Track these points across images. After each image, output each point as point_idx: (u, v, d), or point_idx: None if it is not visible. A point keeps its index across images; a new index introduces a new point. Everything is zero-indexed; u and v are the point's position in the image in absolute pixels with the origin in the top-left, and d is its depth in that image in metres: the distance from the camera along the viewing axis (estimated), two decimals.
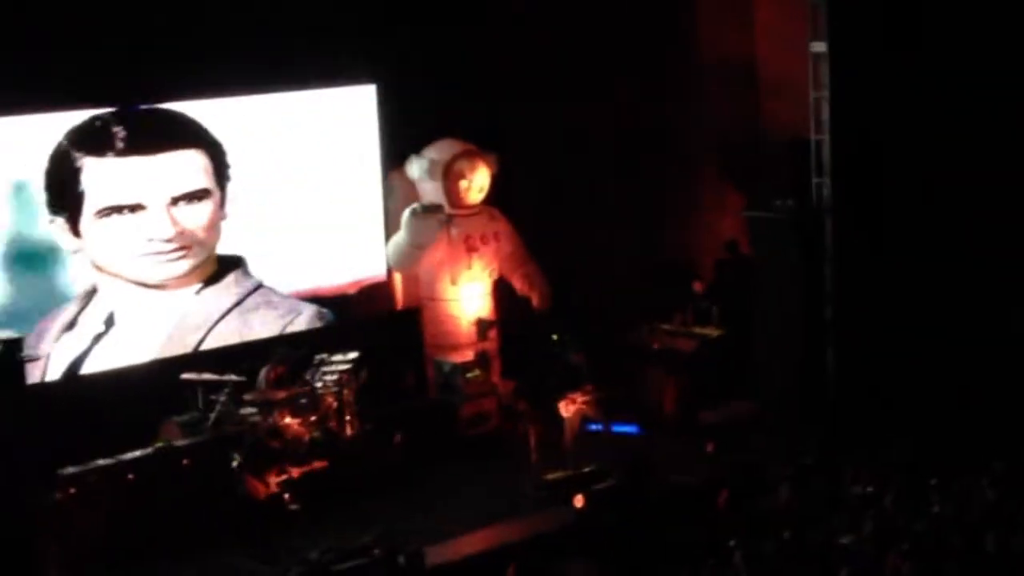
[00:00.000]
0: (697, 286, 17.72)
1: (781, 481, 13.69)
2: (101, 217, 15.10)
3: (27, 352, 13.51)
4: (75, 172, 14.95)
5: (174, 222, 15.48)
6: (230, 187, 15.93)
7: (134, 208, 15.23)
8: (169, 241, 15.48)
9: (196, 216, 15.68)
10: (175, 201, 15.49)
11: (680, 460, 15.13)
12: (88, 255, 15.15)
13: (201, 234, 15.74)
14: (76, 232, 15.05)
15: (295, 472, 14.36)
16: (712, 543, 12.56)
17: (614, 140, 17.83)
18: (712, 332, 17.21)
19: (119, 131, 15.09)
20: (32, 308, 14.86)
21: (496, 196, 17.24)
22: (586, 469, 14.80)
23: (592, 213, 17.71)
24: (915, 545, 11.54)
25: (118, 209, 15.15)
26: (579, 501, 14.10)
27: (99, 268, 15.22)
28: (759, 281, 16.65)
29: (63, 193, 14.92)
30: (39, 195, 14.81)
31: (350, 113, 16.82)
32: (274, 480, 14.24)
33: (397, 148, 17.03)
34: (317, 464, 14.56)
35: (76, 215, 15.02)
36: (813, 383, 15.98)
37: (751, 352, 16.55)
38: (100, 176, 15.06)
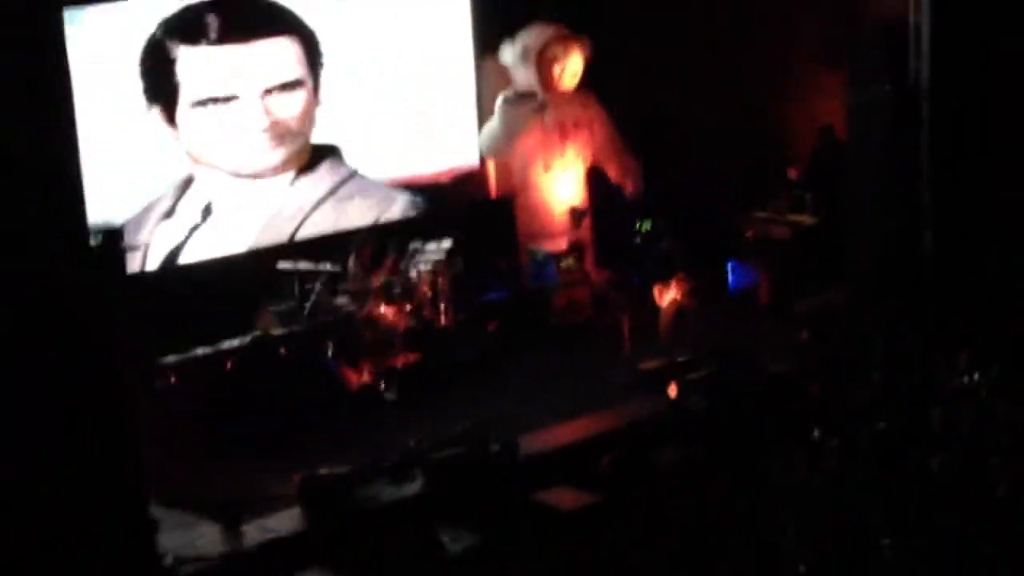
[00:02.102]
0: (792, 172, 17.54)
1: (875, 371, 13.63)
2: (195, 107, 15.19)
3: (127, 242, 13.68)
4: (170, 62, 15.02)
5: (268, 112, 15.54)
6: (323, 75, 15.95)
7: (228, 99, 15.30)
8: (263, 132, 15.55)
9: (290, 106, 15.71)
10: (268, 91, 15.53)
11: (774, 349, 15.08)
12: (184, 145, 15.26)
13: (295, 124, 15.78)
14: (172, 122, 15.15)
15: (385, 364, 14.49)
16: (805, 433, 12.59)
17: (710, 23, 17.59)
18: (807, 219, 17.08)
19: (212, 19, 15.12)
20: (130, 198, 15.02)
21: (590, 81, 17.13)
22: (680, 359, 14.79)
23: (687, 99, 17.52)
24: (1012, 437, 11.49)
25: (212, 100, 15.24)
26: (673, 390, 14.14)
27: (195, 159, 15.33)
28: (855, 166, 16.43)
29: (158, 83, 14.99)
30: (136, 83, 14.91)
31: None
32: (367, 370, 14.38)
33: (490, 34, 16.94)
34: (411, 356, 14.67)
35: (172, 105, 15.11)
36: (909, 272, 15.80)
37: (846, 240, 16.37)
38: (194, 66, 15.12)
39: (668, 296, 15.52)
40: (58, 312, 10.62)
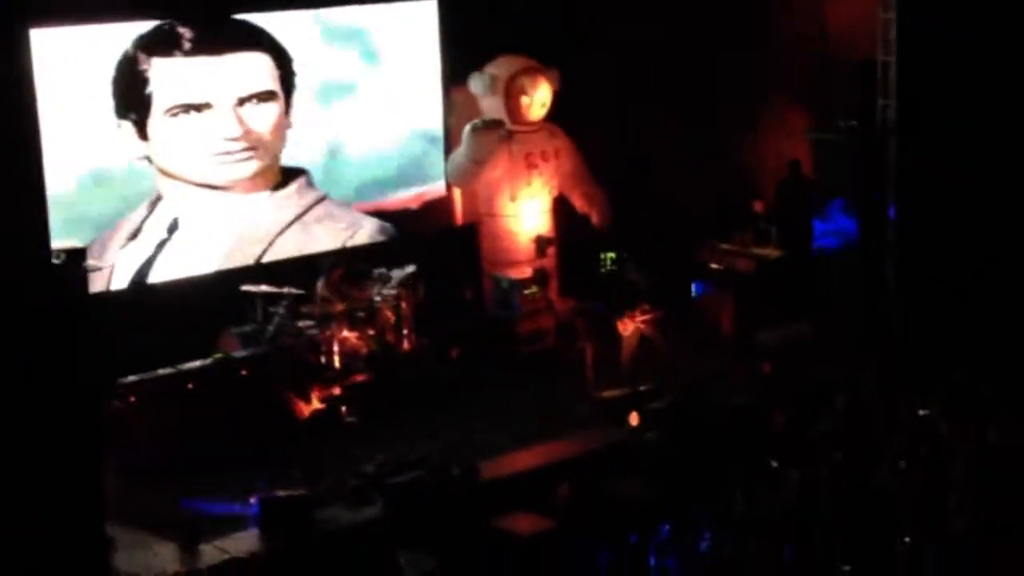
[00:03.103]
0: (757, 206, 17.63)
1: (837, 404, 13.70)
2: (168, 117, 15.16)
3: (91, 262, 13.65)
4: (142, 74, 15.00)
5: (240, 122, 15.55)
6: (295, 96, 15.99)
7: (201, 107, 15.30)
8: (235, 140, 15.55)
9: (262, 117, 15.74)
10: (242, 101, 15.56)
11: (737, 381, 15.13)
12: (155, 159, 15.23)
13: (267, 136, 15.80)
14: (143, 135, 15.12)
15: (336, 389, 14.51)
16: (766, 465, 12.64)
17: (679, 58, 17.68)
18: (771, 253, 17.16)
19: (186, 32, 15.15)
20: (98, 217, 14.99)
21: (557, 113, 17.19)
22: (642, 388, 14.82)
23: (654, 131, 17.61)
24: (967, 469, 11.57)
25: (185, 108, 15.22)
26: (634, 419, 14.18)
27: (165, 173, 15.30)
28: (821, 202, 16.55)
29: (131, 96, 14.97)
30: (106, 103, 14.89)
31: (412, 28, 16.79)
32: (318, 396, 14.38)
33: (459, 64, 17.00)
34: (359, 377, 14.69)
35: (144, 117, 15.09)
36: (873, 307, 15.90)
37: (810, 274, 16.46)
38: (168, 76, 15.13)
39: (631, 326, 15.58)
40: (19, 330, 10.59)
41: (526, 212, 16.98)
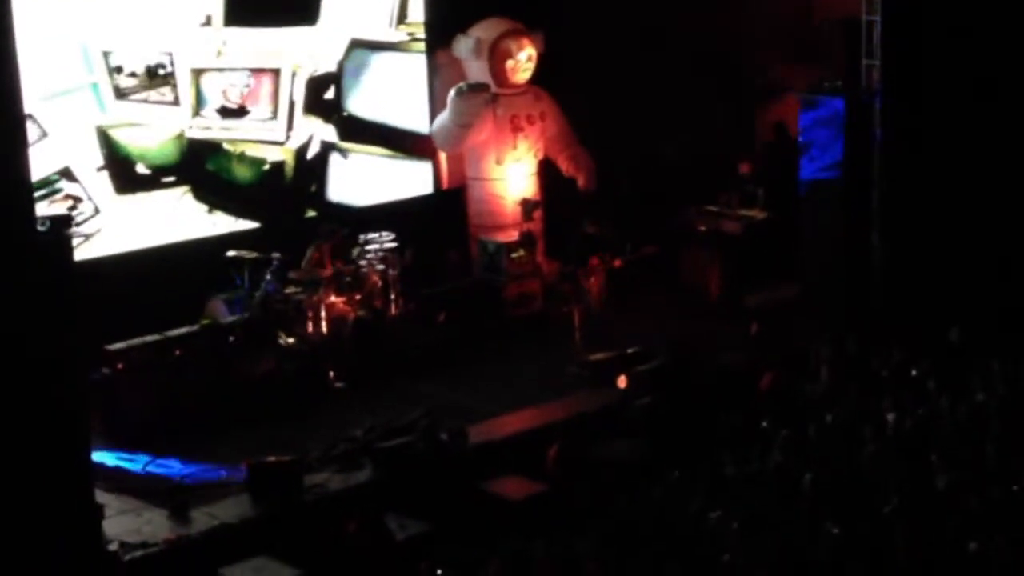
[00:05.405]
0: (744, 168, 17.61)
1: (823, 364, 13.70)
2: None
3: (75, 229, 13.59)
4: None
5: None
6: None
7: None
8: None
9: None
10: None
11: (724, 342, 15.13)
12: None
13: None
14: None
15: (292, 340, 14.47)
16: (755, 425, 12.64)
17: (663, 20, 17.62)
18: (758, 214, 17.15)
19: None
20: None
21: (543, 76, 17.14)
22: (630, 350, 14.81)
23: (639, 94, 17.55)
24: (956, 428, 11.57)
25: None
26: (623, 382, 14.16)
27: None
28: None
29: None
30: None
31: None
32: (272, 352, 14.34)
33: (444, 27, 16.92)
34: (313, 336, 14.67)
35: None
36: (858, 267, 15.89)
37: (796, 235, 16.44)
38: None
39: (593, 276, 15.57)
40: (3, 298, 10.53)
41: (512, 175, 16.96)
